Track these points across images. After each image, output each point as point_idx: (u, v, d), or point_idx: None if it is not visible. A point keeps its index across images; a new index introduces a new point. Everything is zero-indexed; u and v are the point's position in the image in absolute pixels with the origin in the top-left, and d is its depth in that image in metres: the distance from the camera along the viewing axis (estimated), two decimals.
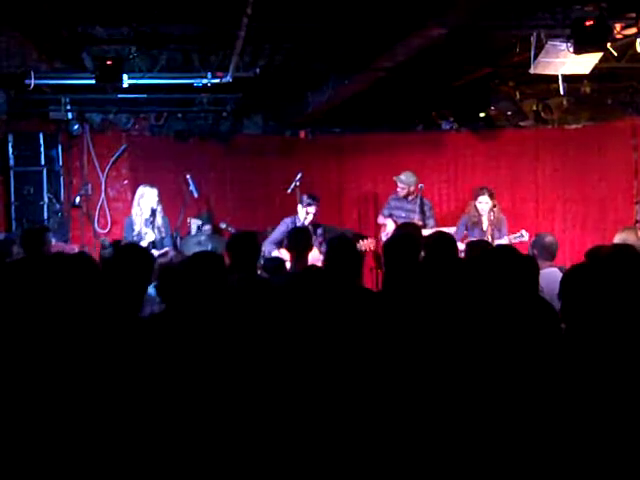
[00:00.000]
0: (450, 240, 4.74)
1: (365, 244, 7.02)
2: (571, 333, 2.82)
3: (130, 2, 5.33)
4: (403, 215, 7.77)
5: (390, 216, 7.93)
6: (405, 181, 7.86)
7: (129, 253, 3.70)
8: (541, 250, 5.21)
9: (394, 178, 7.96)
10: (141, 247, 4.52)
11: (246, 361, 2.81)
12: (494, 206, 7.33)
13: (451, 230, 7.46)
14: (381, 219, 8.09)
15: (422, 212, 7.77)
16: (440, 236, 4.82)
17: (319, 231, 7.33)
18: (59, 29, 5.53)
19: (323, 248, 6.15)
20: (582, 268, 2.94)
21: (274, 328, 2.94)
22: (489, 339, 2.92)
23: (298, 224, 7.26)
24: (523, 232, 6.97)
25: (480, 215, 7.37)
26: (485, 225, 7.33)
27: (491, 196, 7.38)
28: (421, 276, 3.58)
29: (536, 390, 2.62)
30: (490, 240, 6.97)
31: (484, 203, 7.36)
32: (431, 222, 7.79)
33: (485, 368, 2.79)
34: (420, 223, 7.45)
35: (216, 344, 2.92)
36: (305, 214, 7.34)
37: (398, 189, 7.94)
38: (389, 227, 7.78)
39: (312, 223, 7.35)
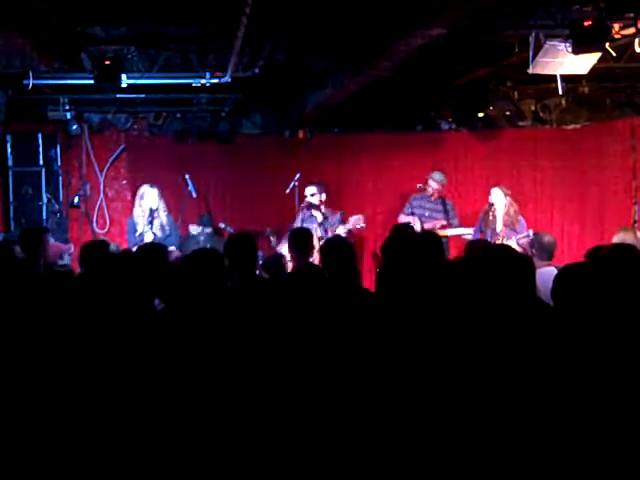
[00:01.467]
0: (437, 242, 4.76)
1: (353, 222, 7.03)
2: (564, 333, 2.82)
3: (129, 2, 5.33)
4: (427, 214, 7.80)
5: (412, 214, 7.93)
6: (441, 181, 7.91)
7: (143, 253, 3.71)
8: (539, 249, 5.23)
9: (427, 177, 7.99)
10: (157, 246, 4.49)
11: (245, 359, 2.81)
12: (510, 203, 7.34)
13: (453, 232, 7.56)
14: (403, 217, 8.00)
15: (445, 212, 7.82)
16: (427, 237, 4.86)
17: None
18: (58, 29, 5.53)
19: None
20: (575, 268, 2.93)
21: (273, 326, 2.94)
22: (485, 340, 2.92)
23: (306, 214, 7.25)
24: (530, 232, 6.93)
25: (494, 210, 7.34)
26: (499, 227, 7.31)
27: (504, 192, 7.40)
28: (417, 276, 3.58)
29: (533, 391, 2.62)
30: (501, 242, 6.93)
31: (494, 195, 7.38)
32: (455, 221, 7.87)
33: (481, 369, 2.79)
34: (445, 222, 7.67)
35: (215, 342, 2.92)
36: (310, 197, 7.33)
37: (429, 188, 7.94)
38: (416, 225, 7.76)
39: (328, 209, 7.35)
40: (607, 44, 5.55)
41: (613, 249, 4.34)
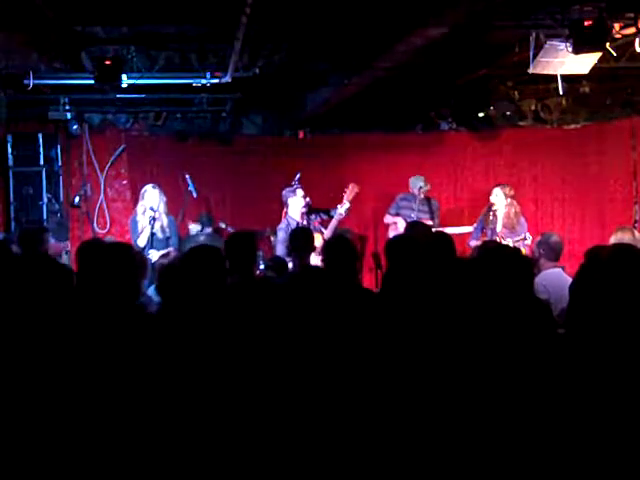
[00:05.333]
0: (448, 241, 4.75)
1: (348, 195, 7.04)
2: (577, 336, 2.79)
3: (129, 2, 5.33)
4: (412, 215, 7.82)
5: (397, 215, 7.97)
6: (414, 186, 7.97)
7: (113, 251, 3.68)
8: (547, 250, 5.19)
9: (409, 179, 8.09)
10: (125, 244, 4.48)
11: (244, 359, 2.81)
12: (510, 205, 7.33)
13: (452, 230, 7.53)
14: (389, 218, 8.09)
15: (430, 212, 7.85)
16: (439, 236, 4.83)
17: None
18: (58, 29, 5.53)
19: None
20: (591, 271, 2.88)
21: (273, 326, 2.94)
22: (485, 340, 2.92)
23: (292, 222, 7.20)
24: (527, 235, 6.92)
25: (494, 210, 7.34)
26: (499, 227, 7.30)
27: (505, 192, 7.40)
28: (420, 276, 3.58)
29: (533, 391, 2.62)
30: (499, 242, 6.92)
31: (495, 195, 7.40)
32: (436, 222, 7.89)
33: (481, 369, 2.79)
34: (430, 223, 7.62)
35: (214, 341, 2.92)
36: (302, 199, 7.22)
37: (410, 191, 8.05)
38: (400, 225, 7.78)
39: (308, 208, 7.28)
40: (607, 44, 5.55)
41: (615, 250, 4.31)
